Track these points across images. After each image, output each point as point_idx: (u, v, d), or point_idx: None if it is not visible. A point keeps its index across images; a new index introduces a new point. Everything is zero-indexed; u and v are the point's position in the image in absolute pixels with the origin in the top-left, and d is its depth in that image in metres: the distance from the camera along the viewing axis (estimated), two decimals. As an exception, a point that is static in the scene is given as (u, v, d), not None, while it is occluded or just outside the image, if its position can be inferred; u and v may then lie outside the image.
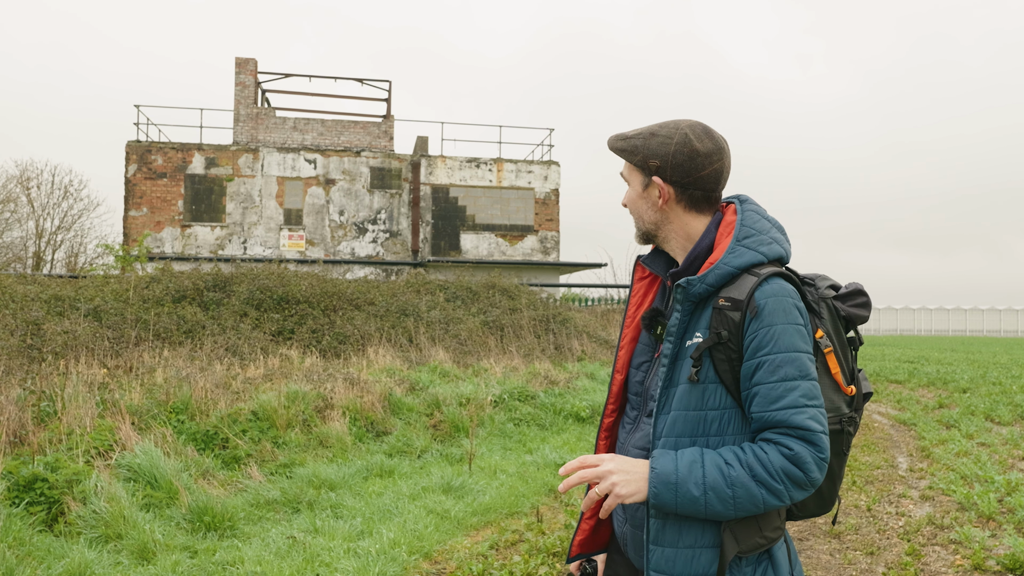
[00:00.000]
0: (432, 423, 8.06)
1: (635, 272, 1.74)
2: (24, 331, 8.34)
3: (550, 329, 14.47)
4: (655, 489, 1.43)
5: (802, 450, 1.41)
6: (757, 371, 1.45)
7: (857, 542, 4.97)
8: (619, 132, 1.65)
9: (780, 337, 1.45)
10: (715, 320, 1.48)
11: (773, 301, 1.46)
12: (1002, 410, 10.31)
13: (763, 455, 1.42)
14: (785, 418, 1.42)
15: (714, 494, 1.41)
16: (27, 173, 31.34)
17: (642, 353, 1.68)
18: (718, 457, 1.44)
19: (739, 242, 1.52)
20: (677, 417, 1.50)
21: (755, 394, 1.45)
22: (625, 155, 1.61)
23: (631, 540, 1.63)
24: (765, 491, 1.41)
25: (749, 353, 1.46)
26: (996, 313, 71.14)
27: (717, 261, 1.50)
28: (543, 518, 5.33)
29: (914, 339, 50.05)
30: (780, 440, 1.43)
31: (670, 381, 1.53)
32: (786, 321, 1.46)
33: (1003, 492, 5.89)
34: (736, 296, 1.47)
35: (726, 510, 1.42)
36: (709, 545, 1.48)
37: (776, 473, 1.41)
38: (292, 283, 12.73)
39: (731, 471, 1.42)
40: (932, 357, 22.83)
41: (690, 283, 1.50)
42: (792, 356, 1.44)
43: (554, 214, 24.68)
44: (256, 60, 24.04)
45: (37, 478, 4.61)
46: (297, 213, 23.73)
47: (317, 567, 4.15)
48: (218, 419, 6.58)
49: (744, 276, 1.50)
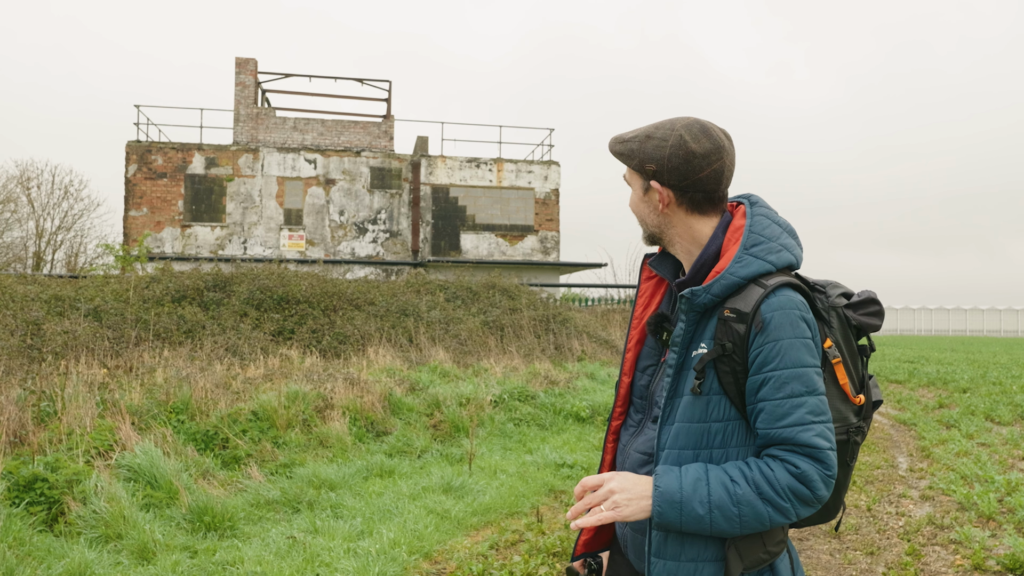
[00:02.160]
0: (432, 423, 8.06)
1: (642, 272, 1.71)
2: (24, 331, 8.34)
3: (550, 329, 14.47)
4: (659, 508, 1.40)
5: (809, 468, 1.39)
6: (763, 387, 1.42)
7: (857, 542, 4.97)
8: (618, 134, 1.60)
9: (786, 352, 1.41)
10: (720, 331, 1.45)
11: (780, 315, 1.42)
12: (1002, 410, 10.31)
13: (769, 472, 1.39)
14: (791, 436, 1.40)
15: (719, 512, 1.38)
16: (27, 173, 31.36)
17: (648, 356, 1.65)
18: (723, 474, 1.41)
19: (746, 250, 1.47)
20: (680, 429, 1.47)
21: (760, 410, 1.42)
22: (623, 159, 1.58)
23: (632, 543, 1.62)
24: (771, 509, 1.39)
25: (755, 368, 1.43)
26: (996, 313, 71.13)
27: (723, 271, 1.46)
28: (543, 518, 5.33)
29: (914, 339, 50.05)
30: (786, 458, 1.40)
31: (674, 391, 1.50)
32: (792, 335, 1.42)
33: (1003, 492, 5.89)
34: (742, 308, 1.44)
35: (731, 528, 1.40)
36: (711, 559, 1.45)
37: (782, 491, 1.38)
38: (292, 283, 12.73)
39: (737, 489, 1.39)
40: (932, 357, 22.83)
41: (695, 294, 1.46)
42: (799, 372, 1.41)
43: (554, 214, 24.68)
44: (256, 60, 24.04)
45: (37, 478, 4.61)
46: (297, 213, 23.73)
47: (317, 567, 4.15)
48: (218, 419, 6.58)
49: (751, 287, 1.46)
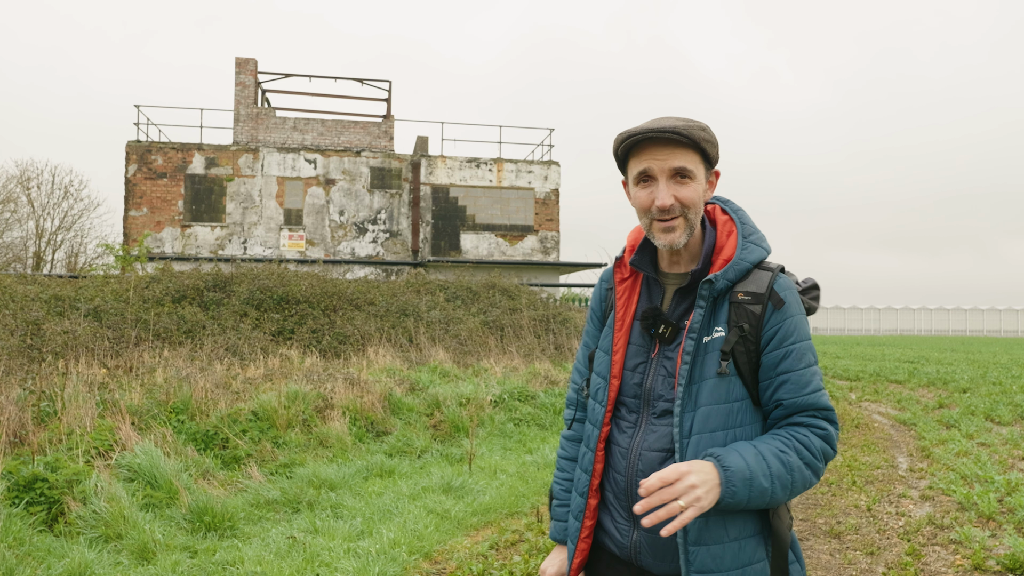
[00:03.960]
0: (432, 423, 8.05)
1: (615, 275, 1.71)
2: (24, 331, 8.34)
3: (550, 329, 14.46)
4: (733, 488, 1.42)
5: (831, 428, 1.54)
6: (784, 360, 1.53)
7: (857, 542, 4.97)
8: (674, 122, 1.52)
9: (800, 327, 1.55)
10: (734, 314, 1.54)
11: (790, 294, 1.56)
12: (1002, 410, 10.31)
13: (804, 439, 1.51)
14: (815, 400, 1.53)
15: (779, 482, 1.46)
16: (27, 173, 31.36)
17: (637, 355, 1.64)
18: (772, 446, 1.49)
19: (747, 239, 1.59)
20: (711, 412, 1.52)
21: (784, 381, 1.53)
22: (708, 146, 1.54)
23: (648, 547, 1.58)
24: (811, 472, 1.51)
25: (775, 343, 1.53)
26: (996, 313, 71.11)
27: (734, 257, 1.55)
28: (543, 518, 5.33)
29: (914, 339, 50.04)
30: (813, 423, 1.53)
31: (693, 377, 1.54)
32: (799, 312, 1.57)
33: (1003, 492, 5.89)
34: (755, 290, 1.54)
35: (785, 495, 1.49)
36: (752, 534, 1.53)
37: (818, 453, 1.51)
38: (292, 283, 12.73)
39: (787, 458, 1.48)
40: (932, 357, 22.83)
41: (716, 279, 1.53)
42: (809, 344, 1.56)
43: (554, 214, 24.66)
44: (256, 60, 24.03)
45: (37, 478, 4.61)
46: (297, 213, 23.72)
47: (317, 567, 4.15)
48: (218, 419, 6.58)
49: (755, 271, 1.57)
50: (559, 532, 1.83)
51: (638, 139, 1.53)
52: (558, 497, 1.85)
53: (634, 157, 1.57)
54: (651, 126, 1.52)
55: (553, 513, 1.87)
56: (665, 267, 1.66)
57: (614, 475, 1.64)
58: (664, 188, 1.53)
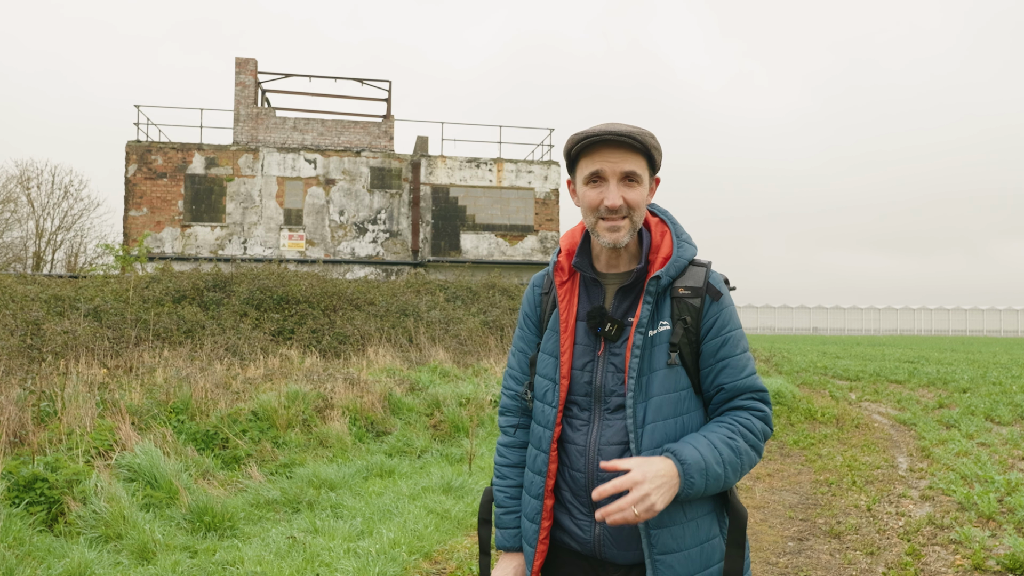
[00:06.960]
0: (432, 423, 8.06)
1: (555, 278, 1.73)
2: (24, 331, 8.34)
3: (550, 329, 14.45)
4: (691, 479, 1.50)
5: (767, 409, 1.65)
6: (723, 346, 1.64)
7: (857, 542, 4.97)
8: (628, 128, 1.59)
9: (733, 316, 1.67)
10: (676, 308, 1.64)
11: (723, 286, 1.68)
12: (1002, 410, 10.31)
13: (748, 422, 1.61)
14: (752, 383, 1.65)
15: (731, 467, 1.55)
16: (27, 173, 31.37)
17: (584, 354, 1.68)
18: (720, 435, 1.58)
19: (680, 238, 1.69)
20: (663, 401, 1.60)
21: (724, 366, 1.64)
22: (657, 153, 1.64)
23: (612, 537, 1.62)
24: (755, 453, 1.61)
25: (713, 332, 1.64)
26: (996, 313, 71.13)
27: (673, 255, 1.65)
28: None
29: (914, 339, 50.04)
30: (752, 405, 1.64)
31: (643, 370, 1.61)
32: (731, 303, 1.70)
33: (1003, 492, 5.89)
34: (693, 285, 1.64)
35: (736, 478, 1.58)
36: (707, 512, 1.62)
37: (759, 434, 1.62)
38: (292, 283, 12.73)
39: (736, 443, 1.57)
40: (932, 357, 22.84)
41: (662, 276, 1.62)
42: (742, 331, 1.69)
43: (554, 214, 24.66)
44: (256, 60, 24.04)
45: (37, 478, 4.61)
46: (297, 213, 23.72)
47: (317, 567, 4.15)
48: (218, 419, 6.58)
49: (691, 268, 1.67)
50: (508, 539, 1.81)
51: (594, 140, 1.59)
52: (503, 505, 1.82)
53: (586, 158, 1.63)
54: (607, 129, 1.58)
55: (498, 522, 1.84)
56: (603, 268, 1.72)
57: (572, 473, 1.67)
58: (614, 189, 1.60)
